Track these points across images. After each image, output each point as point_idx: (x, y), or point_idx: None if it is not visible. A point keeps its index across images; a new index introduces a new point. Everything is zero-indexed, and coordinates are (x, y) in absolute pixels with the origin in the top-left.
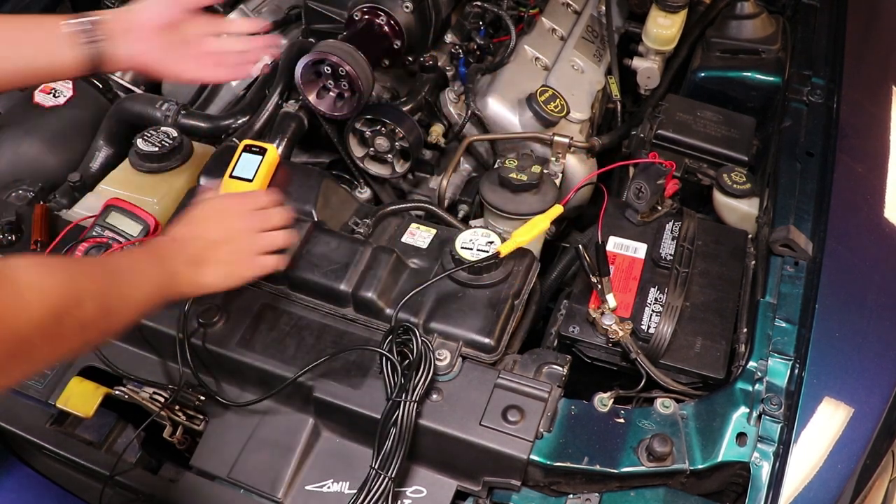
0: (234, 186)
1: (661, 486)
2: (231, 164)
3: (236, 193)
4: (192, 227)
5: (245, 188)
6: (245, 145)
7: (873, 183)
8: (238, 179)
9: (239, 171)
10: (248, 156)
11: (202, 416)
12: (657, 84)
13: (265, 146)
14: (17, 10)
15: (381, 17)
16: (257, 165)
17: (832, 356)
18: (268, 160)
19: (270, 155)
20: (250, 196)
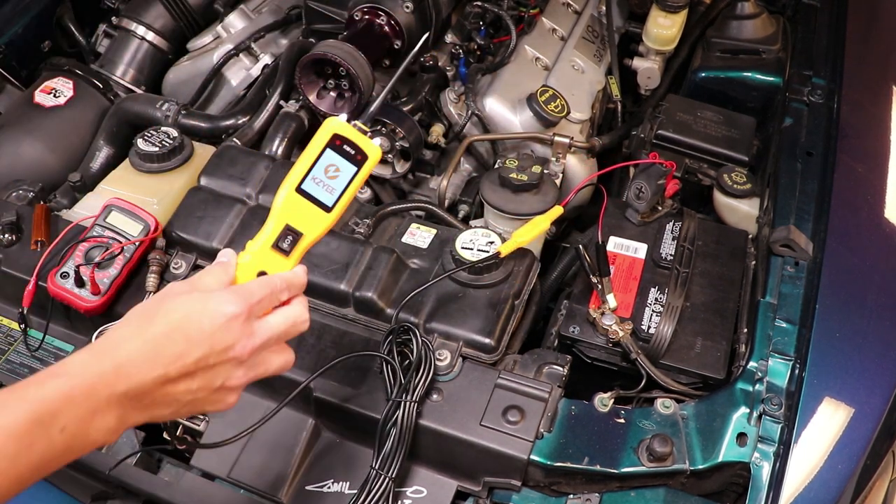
0: (299, 210)
1: (662, 486)
2: (303, 163)
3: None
4: (154, 352)
5: (316, 218)
6: (335, 135)
7: (873, 183)
8: (311, 201)
9: (313, 185)
10: (335, 164)
11: (202, 415)
12: (657, 84)
13: (368, 148)
14: (18, 9)
15: (381, 17)
16: (347, 183)
17: (832, 356)
18: (366, 170)
19: (372, 163)
20: (263, 297)
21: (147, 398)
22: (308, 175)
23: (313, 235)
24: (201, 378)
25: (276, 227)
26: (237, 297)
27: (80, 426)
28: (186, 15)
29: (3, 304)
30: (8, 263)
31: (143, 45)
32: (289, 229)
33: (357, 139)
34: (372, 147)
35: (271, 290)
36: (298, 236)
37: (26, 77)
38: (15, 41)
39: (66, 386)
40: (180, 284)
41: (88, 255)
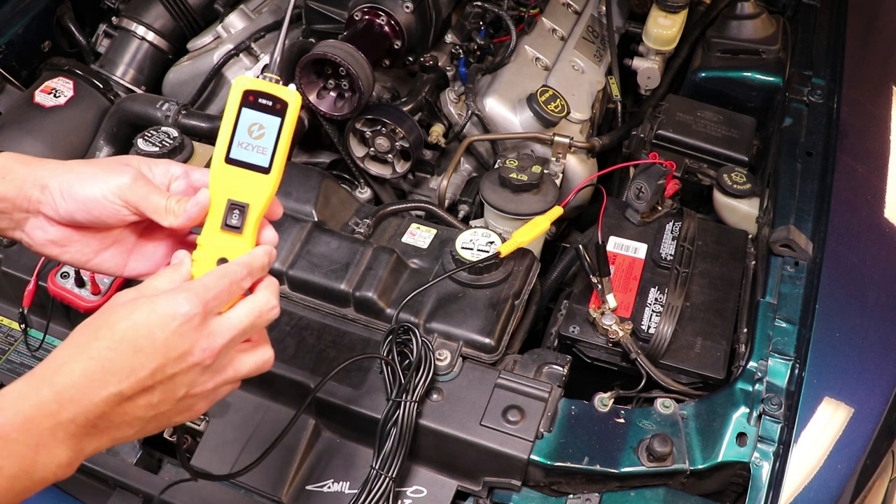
0: (236, 180)
1: (662, 486)
2: (224, 132)
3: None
4: (101, 370)
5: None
6: (245, 92)
7: (873, 183)
8: (245, 167)
9: (241, 150)
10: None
11: (203, 415)
12: (657, 84)
13: (283, 94)
14: (18, 10)
15: (381, 18)
16: (276, 137)
17: (832, 356)
18: (291, 118)
19: (294, 109)
20: (220, 290)
21: (102, 422)
22: (233, 142)
23: (260, 202)
24: (161, 391)
25: (217, 205)
26: (188, 295)
27: (20, 465)
28: (186, 15)
29: (4, 304)
30: (8, 263)
31: (143, 45)
32: (233, 204)
33: (270, 89)
34: (288, 92)
35: (229, 280)
36: (245, 208)
37: (26, 77)
38: (15, 41)
39: (9, 421)
40: (126, 292)
41: None
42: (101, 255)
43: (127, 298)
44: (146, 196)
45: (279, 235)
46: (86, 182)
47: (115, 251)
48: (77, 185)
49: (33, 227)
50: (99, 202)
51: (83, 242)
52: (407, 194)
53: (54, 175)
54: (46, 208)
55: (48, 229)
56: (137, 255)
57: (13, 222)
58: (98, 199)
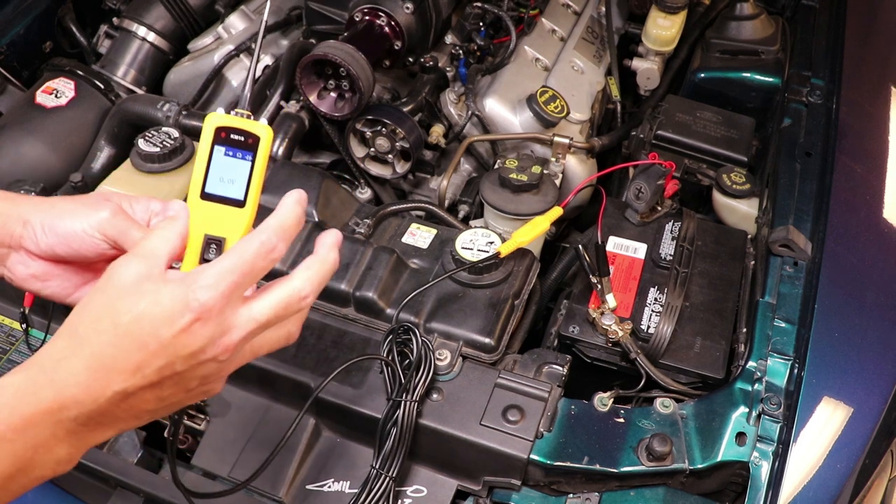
0: (212, 216)
1: (661, 485)
2: (198, 169)
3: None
4: (103, 368)
5: (232, 217)
6: (217, 129)
7: (872, 183)
8: (220, 202)
9: (216, 185)
10: (230, 156)
11: (203, 415)
12: (657, 85)
13: (254, 129)
14: (19, 10)
15: (381, 18)
16: (249, 170)
17: (831, 356)
18: (263, 152)
19: (266, 142)
20: (240, 277)
21: (106, 418)
22: (207, 178)
23: (236, 236)
24: (171, 385)
25: (195, 240)
26: (201, 291)
27: (17, 464)
28: (187, 16)
29: (5, 304)
30: None
31: (144, 45)
32: (209, 239)
33: (241, 124)
34: (259, 127)
35: (252, 259)
36: (222, 242)
37: (28, 77)
38: (16, 42)
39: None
40: (127, 265)
41: None
42: (81, 289)
43: (129, 279)
44: (125, 231)
45: None
46: (66, 217)
47: None
48: (58, 220)
49: (15, 262)
50: (79, 236)
51: (64, 277)
52: (407, 194)
53: (36, 211)
54: (28, 243)
55: (30, 264)
56: (89, 286)
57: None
58: (78, 234)
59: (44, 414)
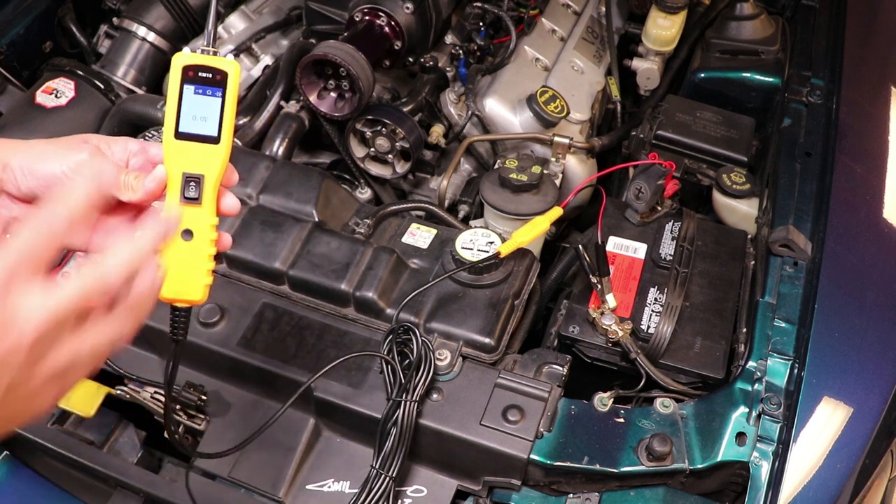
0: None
1: (661, 485)
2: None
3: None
4: None
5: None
6: (185, 68)
7: (872, 183)
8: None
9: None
10: (200, 94)
11: (203, 415)
12: (657, 85)
13: (221, 65)
14: (19, 10)
15: (381, 18)
16: (220, 106)
17: (831, 356)
18: (232, 87)
19: (234, 77)
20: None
21: None
22: (180, 117)
23: (214, 172)
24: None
25: (174, 179)
26: None
27: None
28: (187, 16)
29: None
30: None
31: (144, 45)
32: (188, 177)
33: (208, 61)
34: (225, 62)
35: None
36: (200, 179)
37: (28, 78)
38: (16, 42)
39: None
40: None
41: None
42: None
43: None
44: (106, 173)
45: (280, 235)
46: (46, 159)
47: (79, 228)
48: (38, 162)
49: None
50: (58, 178)
51: None
52: (407, 194)
53: (16, 154)
54: (8, 186)
55: (11, 207)
56: (101, 231)
57: None
58: (58, 176)
59: None
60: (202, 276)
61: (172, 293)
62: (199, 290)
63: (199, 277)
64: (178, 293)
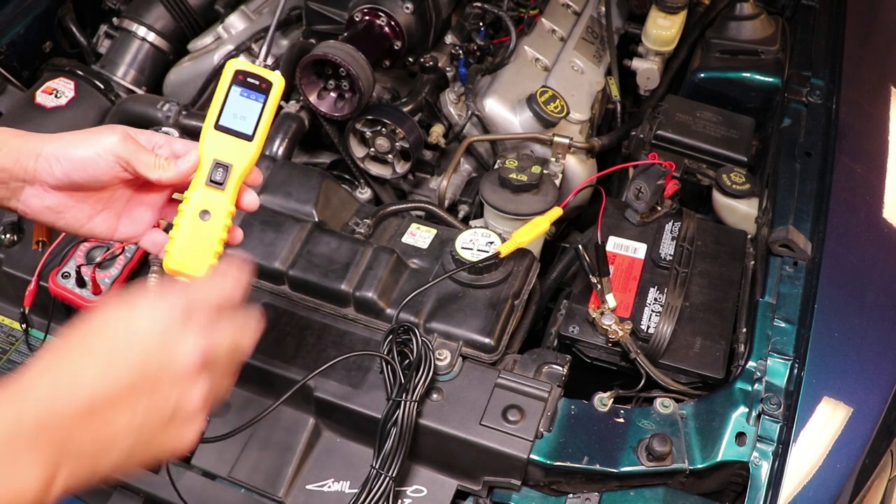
0: (223, 145)
1: (661, 485)
2: (216, 103)
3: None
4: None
5: (240, 148)
6: (237, 72)
7: (872, 183)
8: (231, 134)
9: (229, 119)
10: (244, 97)
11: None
12: (657, 85)
13: (269, 76)
14: (19, 10)
15: (381, 18)
16: (260, 111)
17: (831, 356)
18: (274, 97)
19: (278, 89)
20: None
21: (71, 440)
22: (223, 111)
23: (242, 164)
24: (144, 403)
25: (205, 165)
26: (167, 298)
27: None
28: (187, 16)
29: (5, 304)
30: (9, 263)
31: (144, 45)
32: (218, 163)
33: (258, 71)
34: (273, 74)
35: (218, 287)
36: (229, 168)
37: (27, 77)
38: (16, 42)
39: None
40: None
41: (89, 255)
42: (93, 220)
43: (105, 310)
44: (136, 152)
45: (280, 235)
46: (78, 145)
47: (106, 216)
48: (70, 148)
49: (29, 196)
50: (93, 160)
51: (77, 208)
52: (407, 194)
53: (47, 143)
54: (44, 174)
55: (45, 197)
56: (126, 220)
57: (10, 191)
58: (92, 158)
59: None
60: (209, 255)
61: (177, 265)
62: (203, 267)
63: (205, 256)
64: (182, 266)
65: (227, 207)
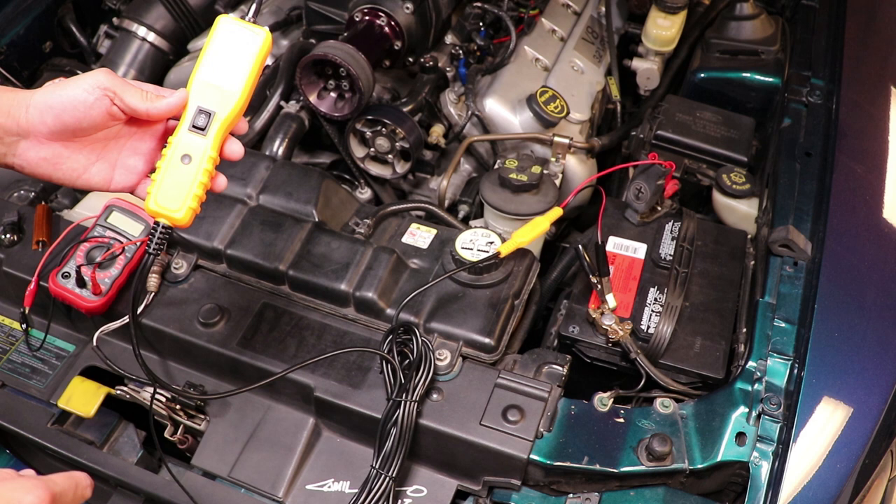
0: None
1: (661, 485)
2: (203, 54)
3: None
4: None
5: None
6: (227, 27)
7: (872, 183)
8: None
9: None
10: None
11: (203, 415)
12: (657, 85)
13: (254, 30)
14: (19, 10)
15: (381, 18)
16: (245, 63)
17: (831, 356)
18: (261, 50)
19: (264, 43)
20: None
21: None
22: (210, 62)
23: (225, 112)
24: None
25: (189, 110)
26: (38, 484)
27: None
28: (187, 16)
29: (5, 304)
30: (9, 263)
31: (144, 45)
32: (201, 109)
33: (245, 25)
34: (259, 28)
35: (76, 483)
36: (211, 115)
37: (28, 77)
38: (17, 42)
39: None
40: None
41: (89, 255)
42: (89, 170)
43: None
44: (123, 84)
45: (280, 235)
46: (65, 87)
47: (101, 166)
48: (58, 90)
49: (25, 149)
50: (81, 98)
51: (73, 159)
52: (407, 194)
53: (36, 93)
54: (36, 124)
55: (40, 149)
56: (121, 170)
57: (5, 146)
58: (80, 96)
59: None
60: (190, 198)
61: (157, 206)
62: (184, 210)
63: (186, 199)
64: (163, 208)
65: (208, 153)
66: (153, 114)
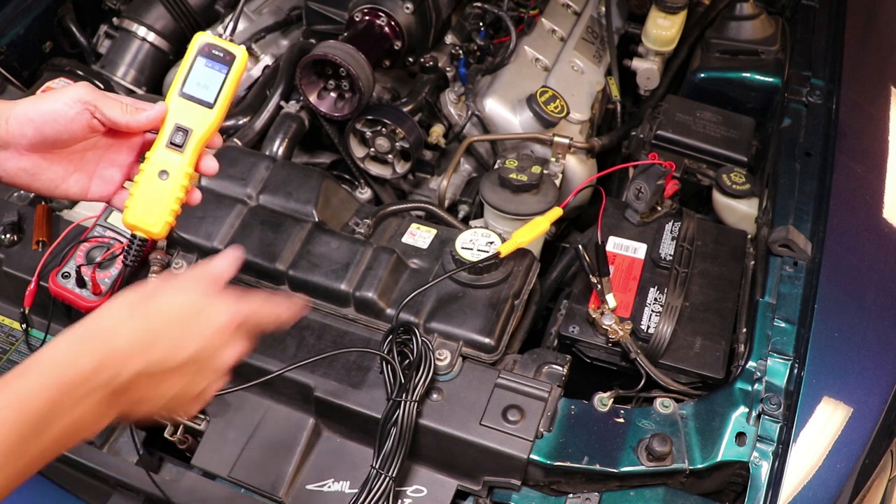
0: (186, 111)
1: (661, 485)
2: (181, 72)
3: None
4: (148, 343)
5: (201, 115)
6: (205, 45)
7: (872, 183)
8: (193, 101)
9: (193, 87)
10: (209, 67)
11: (203, 415)
12: (657, 85)
13: (232, 49)
14: (19, 10)
15: (381, 18)
16: (222, 81)
17: (831, 356)
18: (236, 68)
19: (240, 61)
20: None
21: (132, 392)
22: (187, 80)
23: (202, 130)
24: (186, 376)
25: (167, 127)
26: (233, 304)
27: (70, 424)
28: (187, 16)
29: (5, 304)
30: (9, 263)
31: (144, 45)
32: (178, 126)
33: (223, 43)
34: (236, 47)
35: (271, 307)
36: (189, 132)
37: (27, 77)
38: (16, 42)
39: (55, 383)
40: (179, 278)
41: (89, 255)
42: (66, 181)
43: (182, 284)
44: (102, 97)
45: (280, 235)
46: (45, 100)
47: (79, 176)
48: (39, 103)
49: (4, 160)
50: (62, 111)
51: (51, 170)
52: (407, 194)
53: (17, 105)
54: (16, 136)
55: (19, 160)
56: (98, 180)
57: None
58: (60, 109)
59: (92, 375)
60: (166, 213)
61: (135, 220)
62: (160, 224)
63: (162, 214)
64: (140, 221)
65: (185, 169)
66: (133, 126)
